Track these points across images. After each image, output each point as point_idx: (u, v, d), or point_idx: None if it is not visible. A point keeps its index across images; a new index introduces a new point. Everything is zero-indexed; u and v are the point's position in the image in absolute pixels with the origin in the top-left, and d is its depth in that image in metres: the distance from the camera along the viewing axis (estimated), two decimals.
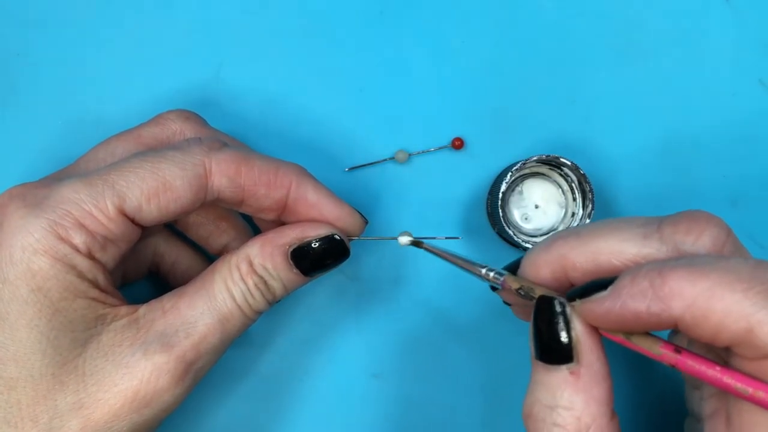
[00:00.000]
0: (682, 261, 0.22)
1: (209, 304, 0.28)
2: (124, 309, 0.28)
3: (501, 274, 0.27)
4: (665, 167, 0.37)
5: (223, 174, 0.28)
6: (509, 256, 0.37)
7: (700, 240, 0.23)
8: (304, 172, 0.31)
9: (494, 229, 0.37)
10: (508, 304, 0.30)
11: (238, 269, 0.29)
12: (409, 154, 0.37)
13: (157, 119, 0.32)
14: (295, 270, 0.30)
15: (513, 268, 0.28)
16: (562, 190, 0.36)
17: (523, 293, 0.26)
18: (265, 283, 0.29)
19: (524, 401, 0.25)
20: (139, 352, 0.27)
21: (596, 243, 0.24)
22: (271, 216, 0.31)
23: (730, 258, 0.22)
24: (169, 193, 0.27)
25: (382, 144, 0.37)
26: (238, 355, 0.36)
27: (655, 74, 0.38)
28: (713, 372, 0.21)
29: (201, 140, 0.29)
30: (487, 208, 0.37)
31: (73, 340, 0.26)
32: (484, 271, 0.28)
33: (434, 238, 0.33)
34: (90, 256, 0.27)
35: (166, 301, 0.28)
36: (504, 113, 0.37)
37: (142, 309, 0.28)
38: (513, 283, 0.26)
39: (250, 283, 0.29)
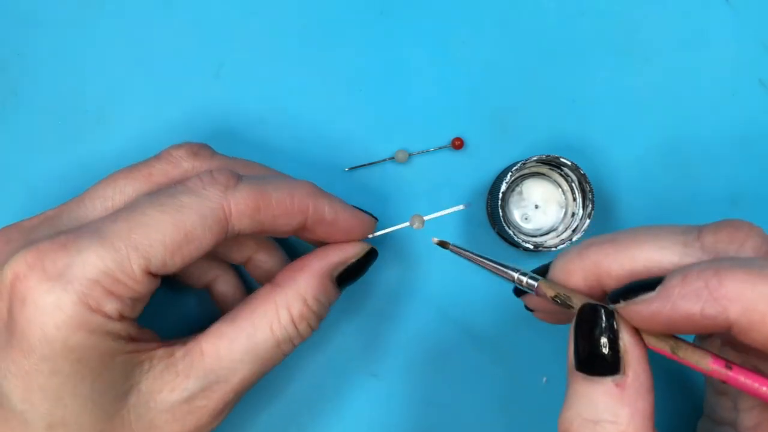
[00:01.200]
0: (738, 262, 0.21)
1: (250, 350, 0.28)
2: (160, 352, 0.28)
3: (535, 280, 0.26)
4: (665, 167, 0.37)
5: (243, 214, 0.27)
6: (509, 256, 0.37)
7: (743, 249, 0.22)
8: (317, 192, 0.30)
9: (494, 229, 0.37)
10: (530, 310, 0.29)
11: (288, 310, 0.29)
12: (409, 154, 0.37)
13: (166, 156, 0.30)
14: (338, 290, 0.31)
15: (542, 274, 0.27)
16: (562, 190, 0.36)
17: (559, 301, 0.25)
18: (318, 315, 0.30)
19: (561, 415, 0.23)
20: (180, 398, 0.27)
21: (633, 251, 0.24)
22: (288, 235, 0.31)
23: None
24: (191, 244, 0.27)
25: (382, 144, 0.37)
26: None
27: (655, 74, 0.38)
28: (764, 385, 0.21)
29: (214, 177, 0.28)
30: (487, 208, 0.37)
31: (115, 396, 0.26)
32: (516, 276, 0.27)
33: (442, 213, 0.33)
34: (122, 318, 0.26)
35: (204, 342, 0.28)
36: (504, 113, 0.37)
37: (180, 352, 0.28)
38: (548, 291, 0.25)
39: (303, 325, 0.29)
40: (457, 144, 0.37)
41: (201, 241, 0.27)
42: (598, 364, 0.23)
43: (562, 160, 0.34)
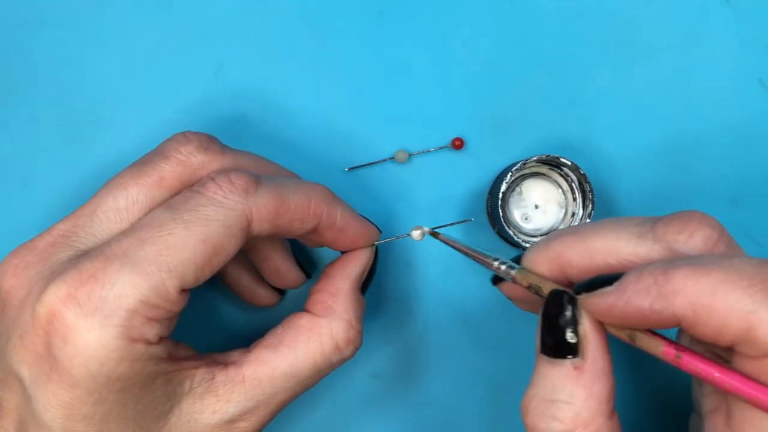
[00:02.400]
0: (687, 260, 0.22)
1: (293, 379, 0.29)
2: (201, 373, 0.28)
3: (512, 268, 0.27)
4: (665, 167, 0.37)
5: (264, 220, 0.27)
6: (509, 255, 0.37)
7: (692, 239, 0.23)
8: (332, 198, 0.30)
9: (494, 229, 0.37)
10: (509, 298, 0.31)
11: (334, 340, 0.30)
12: (409, 154, 0.37)
13: (174, 154, 0.29)
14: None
15: (517, 262, 0.28)
16: (562, 190, 0.36)
17: (533, 290, 0.26)
18: (361, 332, 0.31)
19: (524, 394, 0.25)
20: (220, 420, 0.28)
21: (593, 242, 0.25)
22: (296, 236, 0.31)
23: (733, 257, 0.22)
24: (219, 255, 0.26)
25: (382, 144, 0.37)
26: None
27: (655, 74, 0.38)
28: (713, 371, 0.22)
29: (233, 182, 0.27)
30: (487, 208, 0.37)
31: (157, 415, 0.27)
32: (496, 263, 0.28)
33: (447, 225, 0.35)
34: (161, 340, 0.26)
35: (246, 368, 0.28)
36: (504, 113, 0.37)
37: (221, 376, 0.28)
38: (522, 280, 0.27)
39: (351, 349, 0.30)
40: (457, 144, 0.37)
41: (228, 250, 0.27)
42: (559, 347, 0.24)
43: (562, 160, 0.34)
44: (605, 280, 0.23)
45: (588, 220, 0.34)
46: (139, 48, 0.37)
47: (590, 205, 0.34)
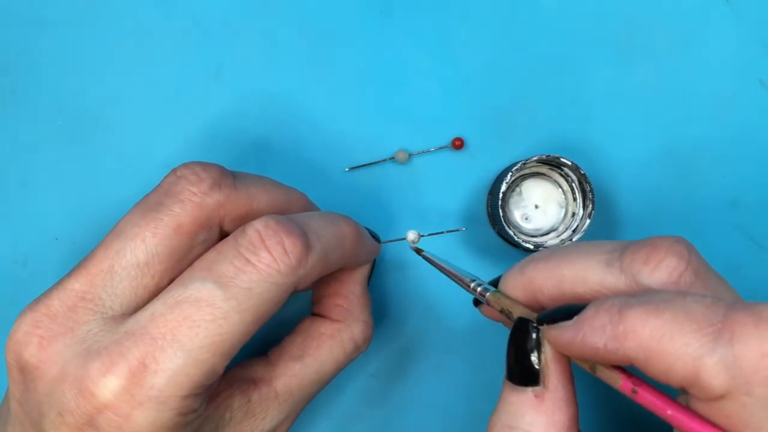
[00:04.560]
0: (642, 298, 0.22)
1: (319, 383, 0.30)
2: (237, 402, 0.28)
3: (486, 290, 0.28)
4: (665, 167, 0.37)
5: (308, 285, 0.29)
6: (509, 255, 0.37)
7: (656, 271, 0.23)
8: (359, 239, 0.30)
9: (494, 229, 0.37)
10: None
11: (354, 342, 0.31)
12: (409, 154, 0.37)
13: (188, 196, 0.27)
14: None
15: (495, 285, 0.28)
16: (563, 190, 0.36)
17: (505, 313, 0.26)
18: (373, 326, 0.32)
19: (490, 418, 0.25)
20: None
21: (561, 269, 0.25)
22: None
23: (687, 295, 0.21)
24: (261, 324, 0.26)
25: (382, 144, 0.37)
26: (237, 355, 0.36)
27: (655, 74, 0.38)
28: (666, 408, 0.21)
29: (287, 251, 0.25)
30: (487, 208, 0.37)
31: None
32: (472, 285, 0.28)
33: (440, 233, 0.35)
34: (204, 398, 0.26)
35: (277, 382, 0.29)
36: (504, 113, 0.37)
37: (255, 396, 0.29)
38: (495, 303, 0.27)
39: (368, 344, 0.32)
40: (457, 144, 0.37)
41: (271, 315, 0.26)
42: (522, 374, 0.24)
43: (562, 160, 0.34)
44: (567, 311, 0.23)
45: (588, 221, 0.34)
46: (139, 48, 0.37)
47: (590, 205, 0.34)
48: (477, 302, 0.30)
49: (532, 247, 0.34)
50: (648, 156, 0.37)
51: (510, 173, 0.34)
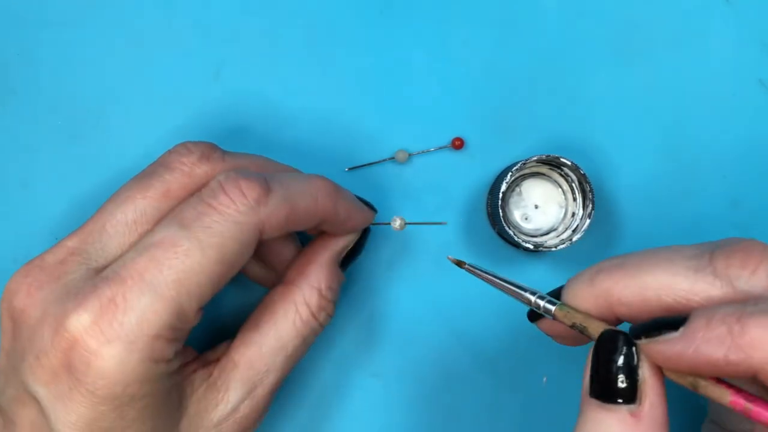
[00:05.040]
0: (761, 306, 0.21)
1: (281, 351, 0.30)
2: (199, 375, 0.29)
3: (552, 304, 0.26)
4: (665, 167, 0.37)
5: (274, 228, 0.27)
6: (510, 255, 0.37)
7: (756, 276, 0.22)
8: (336, 194, 0.30)
9: (494, 229, 0.37)
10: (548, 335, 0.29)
11: (307, 306, 0.30)
12: (409, 154, 0.37)
13: (178, 165, 0.29)
14: (343, 272, 0.33)
15: (556, 296, 0.26)
16: (562, 190, 0.36)
17: (577, 329, 0.25)
18: (332, 301, 0.31)
19: None
20: (225, 412, 0.29)
21: (643, 277, 0.23)
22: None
23: None
24: (232, 270, 0.27)
25: (382, 144, 0.37)
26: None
27: (655, 74, 0.38)
28: None
29: (244, 192, 0.27)
30: (487, 208, 0.37)
31: (170, 425, 0.27)
32: (533, 299, 0.26)
33: (421, 223, 0.35)
34: (176, 354, 0.26)
35: (234, 353, 0.30)
36: (504, 113, 0.37)
37: (216, 370, 0.29)
38: (565, 318, 0.25)
39: (323, 316, 0.31)
40: (457, 144, 0.37)
41: (240, 262, 0.27)
42: (615, 392, 0.22)
43: (562, 160, 0.34)
44: (668, 323, 0.22)
45: (588, 221, 0.34)
46: (139, 48, 0.37)
47: (590, 205, 0.34)
48: (532, 317, 0.28)
49: (531, 247, 0.34)
50: (648, 156, 0.37)
51: (510, 173, 0.34)
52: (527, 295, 0.26)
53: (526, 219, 0.36)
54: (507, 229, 0.34)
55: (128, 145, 0.37)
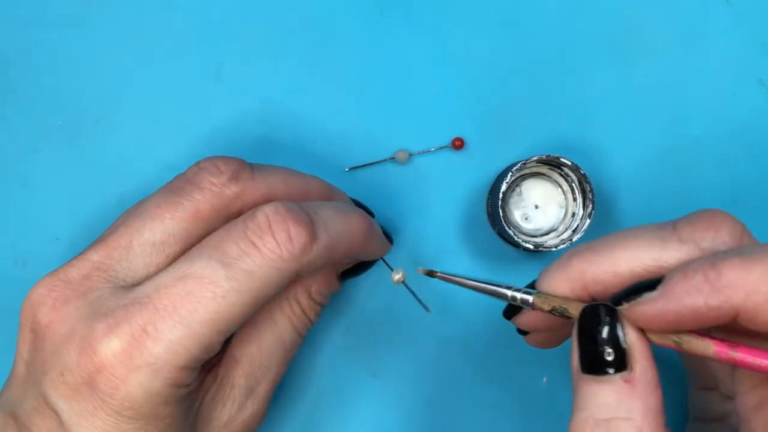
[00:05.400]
0: (732, 252, 0.22)
1: (279, 346, 0.31)
2: (208, 380, 0.29)
3: (529, 294, 0.26)
4: (665, 167, 0.37)
5: (310, 271, 0.27)
6: (509, 255, 0.37)
7: (719, 234, 0.23)
8: (370, 233, 0.30)
9: (494, 229, 0.37)
10: (523, 333, 0.29)
11: (299, 303, 0.31)
12: (410, 154, 0.37)
13: (207, 185, 0.28)
14: (341, 282, 0.34)
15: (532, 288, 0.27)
16: (563, 190, 0.36)
17: (557, 313, 0.25)
18: (321, 305, 0.32)
19: (572, 420, 0.23)
20: (232, 410, 0.30)
21: (614, 254, 0.24)
22: None
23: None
24: (262, 306, 0.27)
25: (382, 144, 0.37)
26: None
27: (655, 74, 0.38)
28: None
29: (291, 239, 0.26)
30: (487, 208, 0.37)
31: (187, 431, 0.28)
32: (510, 293, 0.27)
33: (413, 295, 0.33)
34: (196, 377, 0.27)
35: (235, 349, 0.30)
36: (504, 113, 0.37)
37: (221, 371, 0.30)
38: (543, 304, 0.26)
39: (312, 314, 0.32)
40: (457, 144, 0.37)
41: (271, 298, 0.27)
42: (605, 363, 0.23)
43: (562, 160, 0.34)
44: (645, 285, 0.23)
45: (588, 221, 0.34)
46: (139, 48, 0.37)
47: (590, 205, 0.34)
48: (509, 314, 0.28)
49: (532, 247, 0.34)
50: (648, 156, 0.37)
51: (510, 173, 0.34)
52: (503, 290, 0.27)
53: (526, 219, 0.36)
54: (507, 229, 0.34)
55: (128, 145, 0.37)
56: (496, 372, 0.36)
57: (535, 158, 0.34)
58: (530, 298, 0.26)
